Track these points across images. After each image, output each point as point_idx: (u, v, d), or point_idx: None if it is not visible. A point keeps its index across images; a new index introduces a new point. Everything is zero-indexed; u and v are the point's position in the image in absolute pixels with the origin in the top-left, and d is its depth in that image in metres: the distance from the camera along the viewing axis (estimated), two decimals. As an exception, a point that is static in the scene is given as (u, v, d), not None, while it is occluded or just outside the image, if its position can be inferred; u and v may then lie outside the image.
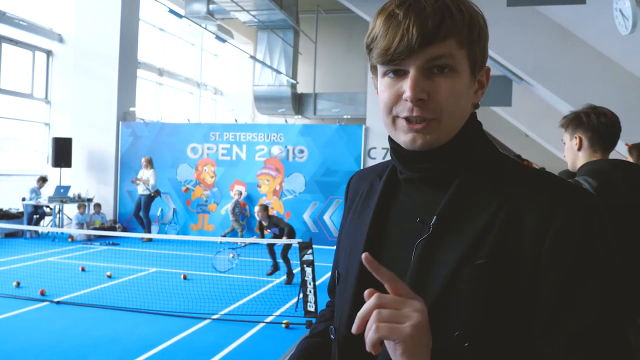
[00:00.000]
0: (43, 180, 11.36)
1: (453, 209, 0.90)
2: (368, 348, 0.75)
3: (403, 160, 0.96)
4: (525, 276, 0.84)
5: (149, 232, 11.30)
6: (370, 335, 0.74)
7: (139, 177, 11.33)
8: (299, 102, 16.20)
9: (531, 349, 0.85)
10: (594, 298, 0.82)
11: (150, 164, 11.34)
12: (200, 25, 12.42)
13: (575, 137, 2.23)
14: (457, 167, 0.93)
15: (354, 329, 0.77)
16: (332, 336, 1.03)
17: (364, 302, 0.78)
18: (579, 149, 2.24)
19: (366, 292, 0.78)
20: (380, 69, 0.92)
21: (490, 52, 6.92)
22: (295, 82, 15.80)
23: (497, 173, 0.93)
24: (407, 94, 0.87)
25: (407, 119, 0.90)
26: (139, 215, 11.32)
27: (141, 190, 11.24)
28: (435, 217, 0.90)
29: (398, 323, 0.74)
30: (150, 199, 11.31)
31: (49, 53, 12.53)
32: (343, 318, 0.99)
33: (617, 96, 6.91)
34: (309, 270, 5.66)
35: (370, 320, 0.75)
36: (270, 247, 7.75)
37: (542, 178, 0.92)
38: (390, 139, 0.98)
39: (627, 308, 1.44)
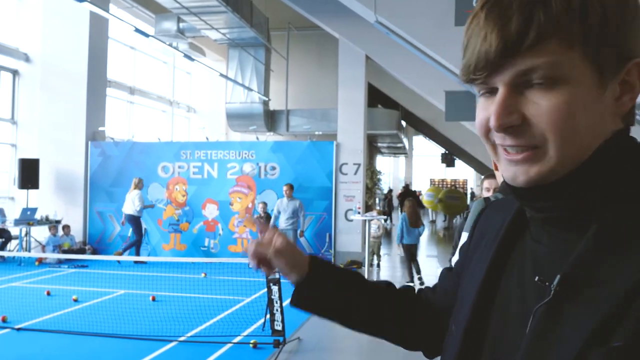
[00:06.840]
0: None
1: (584, 267, 0.66)
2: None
3: (516, 196, 0.76)
4: None
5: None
6: None
7: None
8: (271, 119, 16.21)
9: None
10: None
11: None
12: (171, 45, 12.37)
13: None
14: (595, 205, 0.69)
15: None
16: None
17: None
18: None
19: None
20: (476, 87, 0.73)
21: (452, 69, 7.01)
22: (267, 99, 15.81)
23: None
24: (491, 122, 0.69)
25: (505, 148, 0.71)
26: None
27: None
28: (558, 277, 0.66)
29: None
30: None
31: (15, 73, 12.33)
32: None
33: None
34: (275, 288, 5.61)
35: None
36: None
37: None
38: None
39: None
